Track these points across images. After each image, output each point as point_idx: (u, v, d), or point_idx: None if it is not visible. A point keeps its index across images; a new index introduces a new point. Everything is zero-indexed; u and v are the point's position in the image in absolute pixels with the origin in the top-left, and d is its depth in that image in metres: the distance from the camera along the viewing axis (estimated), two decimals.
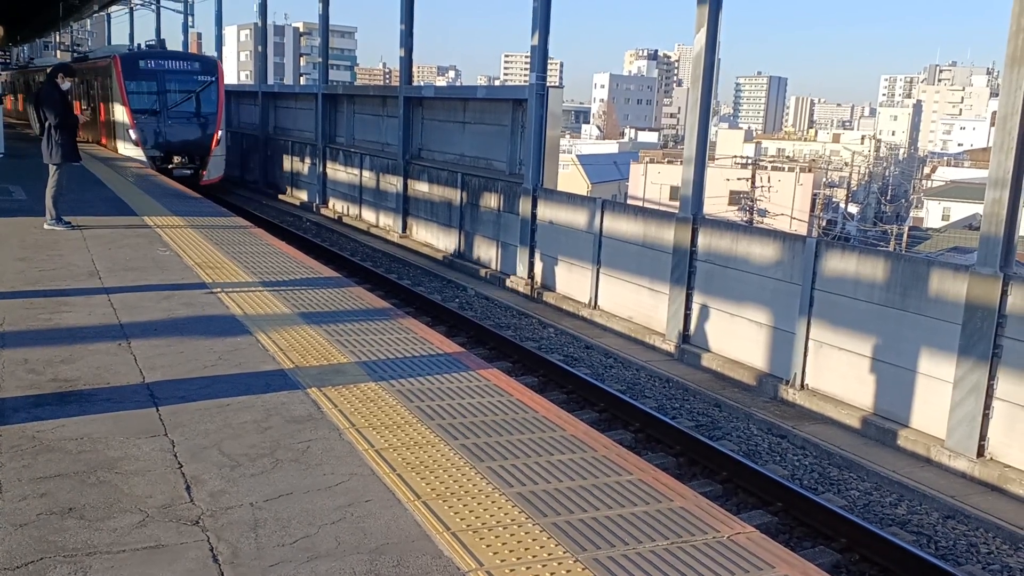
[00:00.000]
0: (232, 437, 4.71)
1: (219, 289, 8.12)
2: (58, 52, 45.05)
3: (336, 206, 24.28)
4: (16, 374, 5.56)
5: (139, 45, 27.48)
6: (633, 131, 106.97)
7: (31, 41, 53.04)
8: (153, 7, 36.79)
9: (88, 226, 11.20)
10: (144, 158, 22.48)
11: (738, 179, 50.40)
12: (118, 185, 16.35)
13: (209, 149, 23.60)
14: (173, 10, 35.96)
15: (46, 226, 10.91)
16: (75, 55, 36.24)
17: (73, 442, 4.55)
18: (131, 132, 22.73)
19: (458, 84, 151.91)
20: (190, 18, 34.48)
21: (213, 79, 24.07)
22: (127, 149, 23.18)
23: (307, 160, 25.91)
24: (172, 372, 5.74)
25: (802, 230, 43.45)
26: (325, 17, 23.98)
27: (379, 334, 6.88)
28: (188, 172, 23.05)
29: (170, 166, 22.84)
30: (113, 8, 39.06)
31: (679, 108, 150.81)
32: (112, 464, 4.31)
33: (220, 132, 23.86)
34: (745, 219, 44.09)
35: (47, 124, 10.68)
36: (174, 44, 32.44)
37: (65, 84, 10.97)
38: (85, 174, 16.96)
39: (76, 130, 11.23)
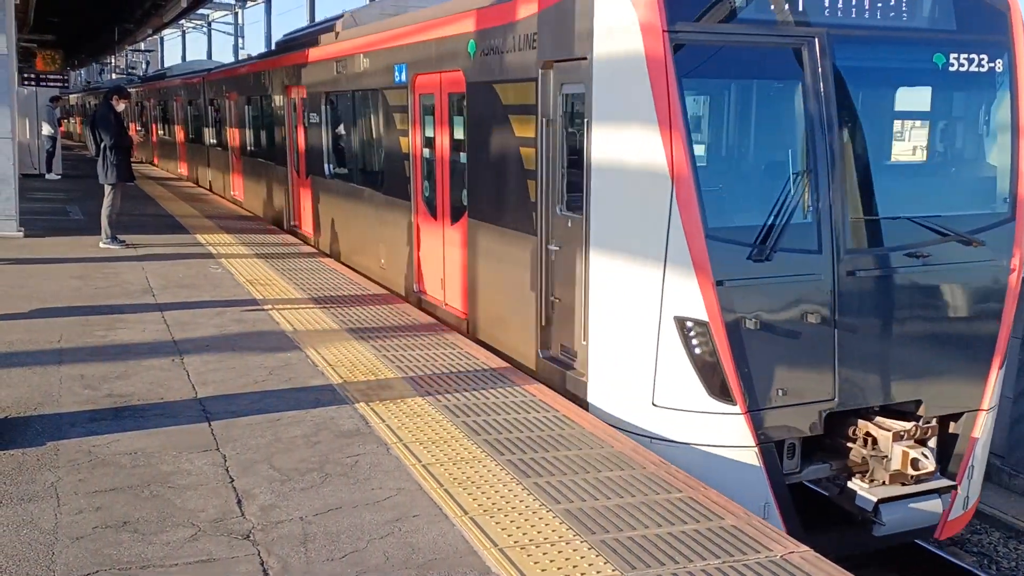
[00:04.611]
0: (282, 451, 4.76)
1: (269, 305, 8.24)
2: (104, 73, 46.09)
3: None
4: (73, 389, 5.69)
5: None
6: None
7: (88, 65, 54.64)
8: (204, 30, 37.75)
9: (142, 244, 11.45)
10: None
11: None
12: (171, 204, 16.71)
13: None
14: (224, 32, 36.89)
15: (101, 244, 11.18)
16: (322, 22, 14.27)
17: (127, 456, 4.64)
18: (689, 340, 5.26)
19: None
20: (240, 40, 35.27)
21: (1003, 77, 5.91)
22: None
23: None
24: (224, 387, 5.82)
25: None
26: None
27: (425, 349, 6.91)
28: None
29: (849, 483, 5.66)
30: (165, 31, 40.13)
31: None
32: (165, 478, 4.38)
33: None
34: None
35: (102, 145, 10.99)
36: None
37: (120, 106, 11.30)
38: (139, 194, 17.36)
39: (130, 151, 11.54)
